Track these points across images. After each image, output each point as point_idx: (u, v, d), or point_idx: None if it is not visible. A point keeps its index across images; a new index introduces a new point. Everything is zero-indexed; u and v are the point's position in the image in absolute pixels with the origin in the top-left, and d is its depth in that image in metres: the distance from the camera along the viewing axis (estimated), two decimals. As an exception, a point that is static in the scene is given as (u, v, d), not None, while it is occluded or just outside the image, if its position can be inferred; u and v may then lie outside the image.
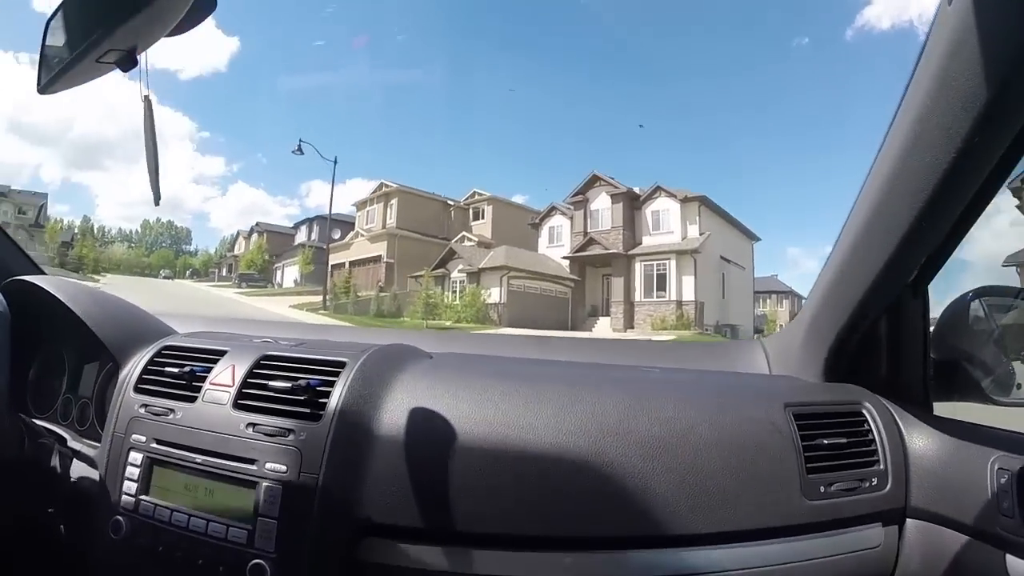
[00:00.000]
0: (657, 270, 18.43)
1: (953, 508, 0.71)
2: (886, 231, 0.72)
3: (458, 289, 19.41)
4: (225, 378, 0.78)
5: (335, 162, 23.57)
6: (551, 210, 21.66)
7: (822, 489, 0.73)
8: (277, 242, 29.22)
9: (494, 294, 18.48)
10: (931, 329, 0.84)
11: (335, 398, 0.72)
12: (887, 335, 0.86)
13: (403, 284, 20.76)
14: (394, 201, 23.35)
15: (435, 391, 0.76)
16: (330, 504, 0.67)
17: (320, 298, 20.26)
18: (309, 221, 29.03)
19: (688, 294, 17.87)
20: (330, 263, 22.76)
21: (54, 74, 0.68)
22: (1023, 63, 0.50)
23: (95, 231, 38.26)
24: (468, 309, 18.07)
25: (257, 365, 0.79)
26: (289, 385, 0.73)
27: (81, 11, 0.63)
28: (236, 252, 33.75)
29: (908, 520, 0.76)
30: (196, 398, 0.78)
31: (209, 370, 0.80)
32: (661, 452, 0.70)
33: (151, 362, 0.85)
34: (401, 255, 21.85)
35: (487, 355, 1.12)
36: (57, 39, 0.69)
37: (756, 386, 0.89)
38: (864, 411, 0.81)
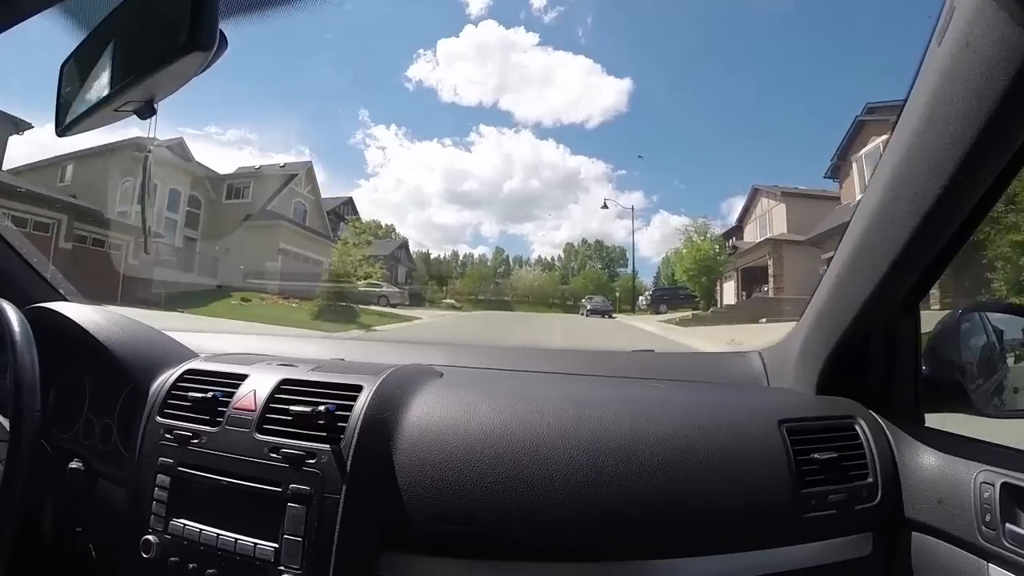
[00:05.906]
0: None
1: (940, 519, 0.74)
2: (880, 252, 0.76)
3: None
4: (247, 403, 0.81)
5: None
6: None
7: (814, 503, 0.77)
8: (803, 209, 14.43)
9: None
10: (922, 344, 0.87)
11: (352, 421, 0.76)
12: (880, 350, 0.89)
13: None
14: None
15: (446, 412, 0.80)
16: (351, 522, 0.71)
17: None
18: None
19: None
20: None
21: (74, 118, 0.71)
22: (1005, 112, 0.54)
23: (510, 260, 35.04)
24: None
25: (277, 390, 0.82)
26: (309, 410, 0.76)
27: (102, 62, 0.64)
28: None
29: (898, 530, 0.79)
30: (220, 423, 0.81)
31: (231, 394, 0.83)
32: (659, 471, 0.74)
33: (174, 386, 0.88)
34: None
35: (496, 369, 1.15)
36: (74, 85, 0.70)
37: (752, 403, 0.92)
38: (856, 426, 0.84)
